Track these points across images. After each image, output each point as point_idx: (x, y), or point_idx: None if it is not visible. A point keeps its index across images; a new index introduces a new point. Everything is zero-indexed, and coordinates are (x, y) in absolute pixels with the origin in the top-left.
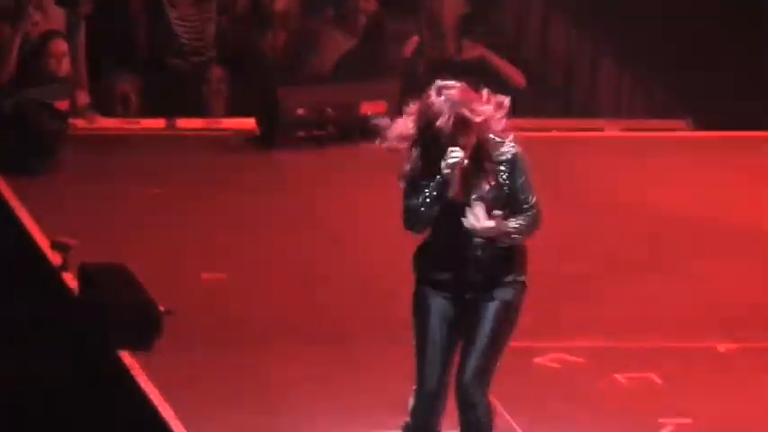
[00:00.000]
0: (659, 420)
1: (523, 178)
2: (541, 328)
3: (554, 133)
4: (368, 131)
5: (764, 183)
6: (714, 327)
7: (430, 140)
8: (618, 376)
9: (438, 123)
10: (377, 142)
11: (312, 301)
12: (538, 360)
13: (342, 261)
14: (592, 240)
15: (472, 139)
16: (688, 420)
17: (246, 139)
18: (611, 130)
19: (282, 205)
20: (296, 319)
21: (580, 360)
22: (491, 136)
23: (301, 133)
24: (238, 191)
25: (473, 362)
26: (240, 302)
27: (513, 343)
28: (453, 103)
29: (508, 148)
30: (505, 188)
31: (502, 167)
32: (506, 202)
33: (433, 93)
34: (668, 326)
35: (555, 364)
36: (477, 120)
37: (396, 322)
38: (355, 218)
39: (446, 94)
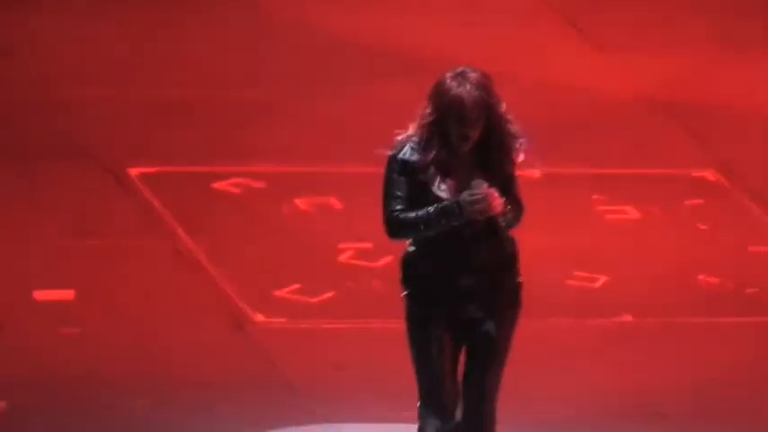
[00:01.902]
0: (339, 246)
1: (517, 173)
2: (221, 153)
3: None
4: None
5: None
6: None
7: (446, 126)
8: (298, 201)
9: (460, 108)
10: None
11: None
12: (217, 185)
13: None
14: (275, 64)
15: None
16: (369, 245)
17: None
18: None
19: None
20: None
21: (260, 184)
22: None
23: None
24: None
25: (484, 385)
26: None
27: (191, 168)
28: (478, 87)
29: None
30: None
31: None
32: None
33: (449, 78)
34: (348, 150)
35: (235, 189)
36: (500, 106)
37: None
38: None
39: (468, 77)
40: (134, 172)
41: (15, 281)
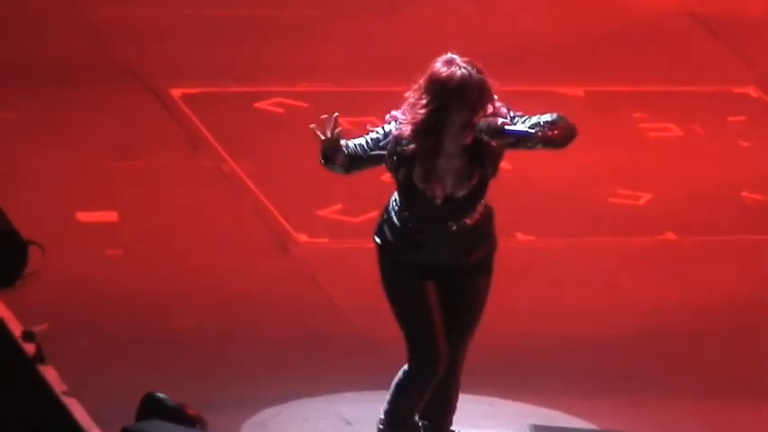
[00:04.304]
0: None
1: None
2: (263, 73)
3: None
4: None
5: None
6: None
7: (448, 114)
8: (341, 120)
9: (462, 84)
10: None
11: None
12: (259, 104)
13: None
14: None
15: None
16: None
17: None
18: None
19: None
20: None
21: (303, 104)
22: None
23: None
24: None
25: (457, 344)
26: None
27: (233, 88)
28: (474, 70)
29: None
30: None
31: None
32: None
33: (441, 64)
34: (390, 70)
35: (278, 109)
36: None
37: None
38: None
39: (461, 63)
40: (177, 93)
41: (59, 203)
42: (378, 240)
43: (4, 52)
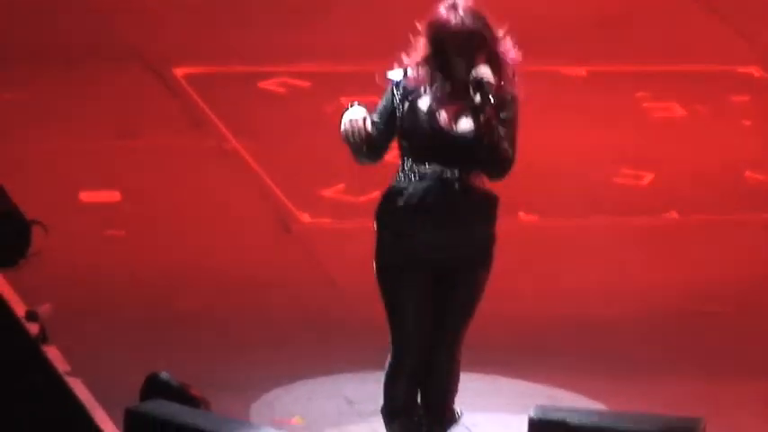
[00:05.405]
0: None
1: (507, 116)
2: (266, 53)
3: None
4: None
5: None
6: None
7: (446, 60)
8: (344, 100)
9: (456, 32)
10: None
11: None
12: (263, 84)
13: None
14: None
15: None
16: None
17: None
18: None
19: None
20: None
21: (305, 84)
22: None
23: None
24: None
25: (451, 333)
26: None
27: (236, 68)
28: (474, 16)
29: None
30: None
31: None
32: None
33: (445, 8)
34: (393, 49)
35: (280, 89)
36: (498, 34)
37: None
38: None
39: (462, 8)
40: (179, 72)
41: (62, 183)
42: (377, 220)
43: (6, 33)
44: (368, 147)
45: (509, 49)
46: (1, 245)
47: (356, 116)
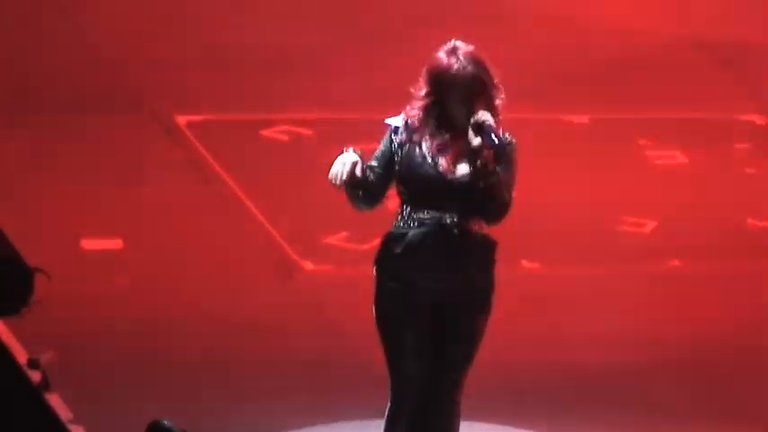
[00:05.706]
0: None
1: (504, 161)
2: (269, 101)
3: None
4: None
5: None
6: None
7: (444, 105)
8: (346, 147)
9: (457, 78)
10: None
11: None
12: (265, 132)
13: None
14: (322, 9)
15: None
16: None
17: None
18: None
19: None
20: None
21: (308, 131)
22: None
23: None
24: None
25: (450, 379)
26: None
27: (238, 116)
28: (474, 61)
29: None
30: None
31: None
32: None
33: (445, 53)
34: (395, 97)
35: (283, 136)
36: (495, 80)
37: None
38: None
39: (463, 52)
40: (182, 120)
41: (63, 230)
42: (376, 266)
43: (12, 80)
44: (364, 192)
45: (502, 96)
46: (3, 292)
47: (346, 160)
